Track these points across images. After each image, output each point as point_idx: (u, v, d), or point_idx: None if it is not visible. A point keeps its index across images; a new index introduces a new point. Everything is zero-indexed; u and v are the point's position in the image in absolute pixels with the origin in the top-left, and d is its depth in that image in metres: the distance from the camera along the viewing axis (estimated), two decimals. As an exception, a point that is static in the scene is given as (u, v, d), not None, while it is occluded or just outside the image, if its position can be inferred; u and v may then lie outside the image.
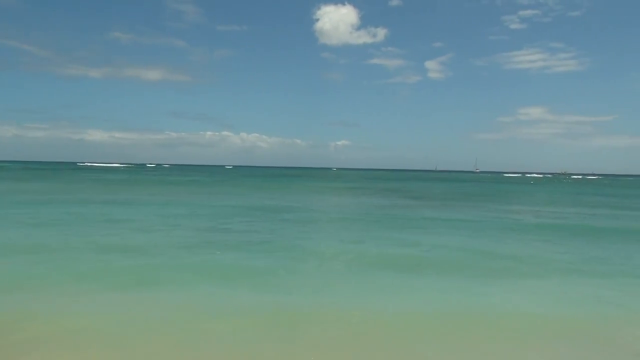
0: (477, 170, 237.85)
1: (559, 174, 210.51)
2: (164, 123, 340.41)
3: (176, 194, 39.23)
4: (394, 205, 32.96)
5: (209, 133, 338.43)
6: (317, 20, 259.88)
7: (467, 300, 9.76)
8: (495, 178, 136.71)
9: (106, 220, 20.33)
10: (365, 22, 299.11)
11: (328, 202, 36.29)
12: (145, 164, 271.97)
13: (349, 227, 20.84)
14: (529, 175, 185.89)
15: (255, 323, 8.21)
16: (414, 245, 16.16)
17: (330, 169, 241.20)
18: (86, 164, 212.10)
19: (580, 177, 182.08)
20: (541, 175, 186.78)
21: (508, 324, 8.58)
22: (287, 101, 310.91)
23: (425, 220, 24.02)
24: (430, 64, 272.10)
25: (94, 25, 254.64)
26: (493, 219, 24.86)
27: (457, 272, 12.31)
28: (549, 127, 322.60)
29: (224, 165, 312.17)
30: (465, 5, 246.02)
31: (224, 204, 29.75)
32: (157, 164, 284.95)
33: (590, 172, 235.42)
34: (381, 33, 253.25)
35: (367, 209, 29.63)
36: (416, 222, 23.15)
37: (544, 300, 10.03)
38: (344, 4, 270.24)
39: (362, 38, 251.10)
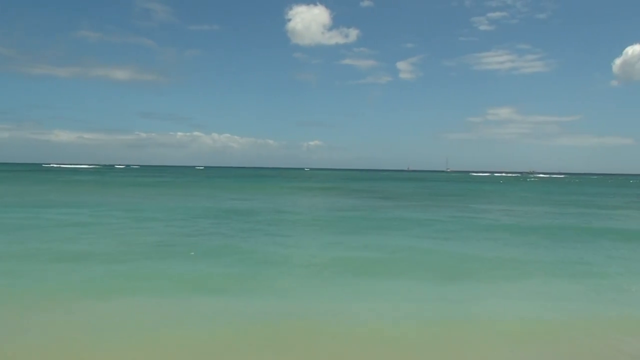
0: (449, 170, 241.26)
1: (527, 173, 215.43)
2: (133, 123, 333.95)
3: (144, 196, 38.22)
4: (365, 206, 32.83)
5: (179, 133, 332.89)
6: (289, 20, 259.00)
7: (440, 304, 9.56)
8: (464, 177, 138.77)
9: (68, 225, 19.46)
10: (337, 22, 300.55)
11: (299, 203, 35.93)
12: (114, 165, 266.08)
13: (319, 230, 20.54)
14: (497, 174, 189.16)
15: (223, 331, 7.81)
16: (385, 247, 15.96)
17: (302, 169, 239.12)
18: (52, 165, 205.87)
19: (546, 175, 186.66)
20: (509, 175, 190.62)
21: (483, 327, 8.41)
22: (258, 101, 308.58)
23: (396, 220, 23.93)
24: (401, 65, 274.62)
25: (61, 23, 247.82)
26: (462, 219, 24.93)
27: (430, 274, 12.13)
28: (517, 127, 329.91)
29: (195, 166, 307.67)
30: (436, 6, 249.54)
31: (193, 206, 29.03)
32: (127, 165, 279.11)
33: (557, 171, 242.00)
34: (353, 34, 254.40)
35: (337, 210, 29.40)
36: (387, 222, 23.03)
37: (519, 301, 9.92)
38: (315, 5, 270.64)
39: (334, 38, 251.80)
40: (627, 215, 30.71)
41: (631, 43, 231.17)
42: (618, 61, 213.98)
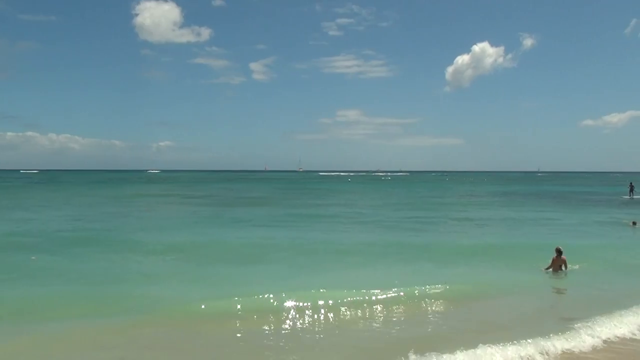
0: (300, 170, 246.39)
1: (373, 171, 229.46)
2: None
3: None
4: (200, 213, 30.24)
5: (9, 134, 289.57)
6: (137, 15, 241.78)
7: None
8: (314, 177, 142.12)
9: None
10: (188, 20, 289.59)
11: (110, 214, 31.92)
12: None
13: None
14: (344, 173, 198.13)
15: None
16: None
17: (145, 171, 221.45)
18: None
19: (389, 174, 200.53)
20: (355, 174, 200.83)
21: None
22: (103, 99, 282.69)
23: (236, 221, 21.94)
24: (254, 66, 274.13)
25: None
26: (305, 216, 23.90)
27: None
28: (364, 128, 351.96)
29: (27, 170, 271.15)
30: (287, 9, 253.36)
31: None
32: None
33: (399, 169, 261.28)
34: (205, 33, 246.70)
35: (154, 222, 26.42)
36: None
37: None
38: (165, 1, 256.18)
39: (186, 37, 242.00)
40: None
41: (460, 53, 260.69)
42: (450, 69, 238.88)
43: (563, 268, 13.54)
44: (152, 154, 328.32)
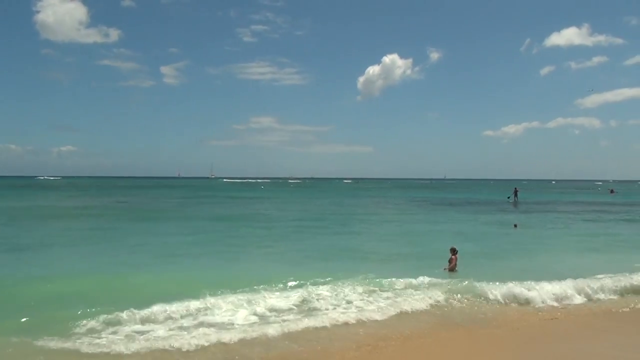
0: (213, 176, 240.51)
1: (287, 178, 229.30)
2: None
3: None
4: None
5: None
6: (38, 12, 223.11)
7: None
8: (223, 184, 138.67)
9: None
10: (95, 20, 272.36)
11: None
12: None
13: None
14: (260, 180, 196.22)
15: None
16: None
17: (34, 177, 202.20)
18: None
19: (300, 180, 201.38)
20: (271, 180, 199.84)
21: None
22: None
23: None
24: (165, 69, 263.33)
25: None
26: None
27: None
28: (278, 135, 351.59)
29: None
30: (201, 14, 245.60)
31: None
32: None
33: (311, 176, 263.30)
34: (114, 34, 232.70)
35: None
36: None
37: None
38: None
39: (92, 37, 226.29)
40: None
41: (372, 64, 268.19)
42: (361, 79, 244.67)
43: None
44: (53, 159, 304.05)
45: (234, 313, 9.63)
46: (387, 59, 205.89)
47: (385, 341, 8.53)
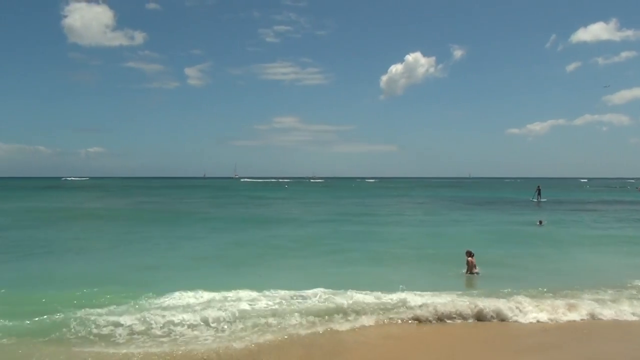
0: (236, 176, 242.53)
1: (309, 177, 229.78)
2: None
3: None
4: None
5: None
6: (66, 17, 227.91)
7: None
8: (248, 184, 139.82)
9: None
10: (121, 24, 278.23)
11: None
12: None
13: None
14: (282, 180, 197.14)
15: None
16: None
17: (60, 178, 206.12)
18: None
19: (322, 180, 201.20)
20: (292, 180, 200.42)
21: None
22: (26, 104, 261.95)
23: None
24: (189, 71, 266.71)
25: None
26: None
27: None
28: (300, 135, 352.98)
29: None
30: (224, 15, 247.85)
31: None
32: None
33: (333, 176, 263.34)
34: (139, 36, 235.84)
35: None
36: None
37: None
38: (97, 3, 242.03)
39: (118, 40, 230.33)
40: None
41: (395, 62, 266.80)
42: (384, 78, 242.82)
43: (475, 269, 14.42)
44: (80, 161, 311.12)
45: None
46: (410, 57, 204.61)
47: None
